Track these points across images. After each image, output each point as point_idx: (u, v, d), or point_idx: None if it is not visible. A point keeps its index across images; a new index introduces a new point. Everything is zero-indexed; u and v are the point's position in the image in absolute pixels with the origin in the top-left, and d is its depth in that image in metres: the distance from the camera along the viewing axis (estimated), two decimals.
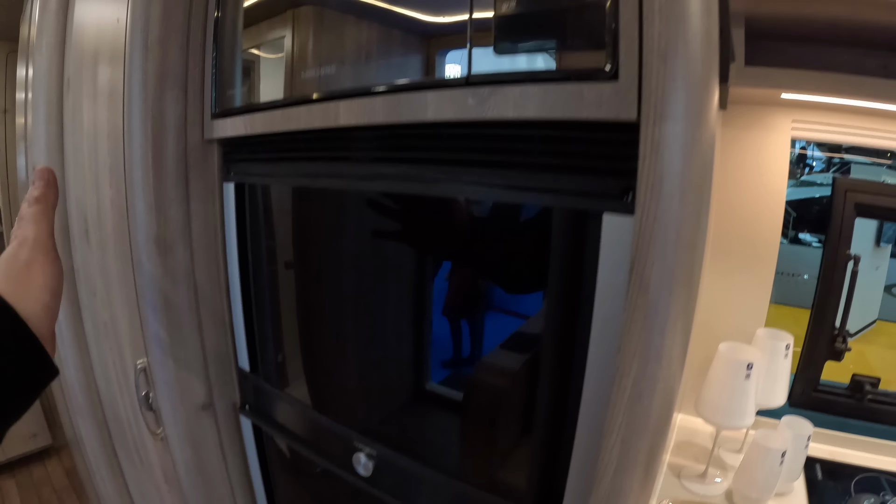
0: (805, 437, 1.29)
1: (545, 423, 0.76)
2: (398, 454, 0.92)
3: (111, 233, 1.24)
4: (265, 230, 1.09)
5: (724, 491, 1.32)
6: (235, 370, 1.22)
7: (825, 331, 1.55)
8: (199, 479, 1.24)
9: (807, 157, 4.58)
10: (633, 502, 0.68)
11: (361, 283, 0.96)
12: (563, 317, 0.70)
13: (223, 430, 1.24)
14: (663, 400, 0.64)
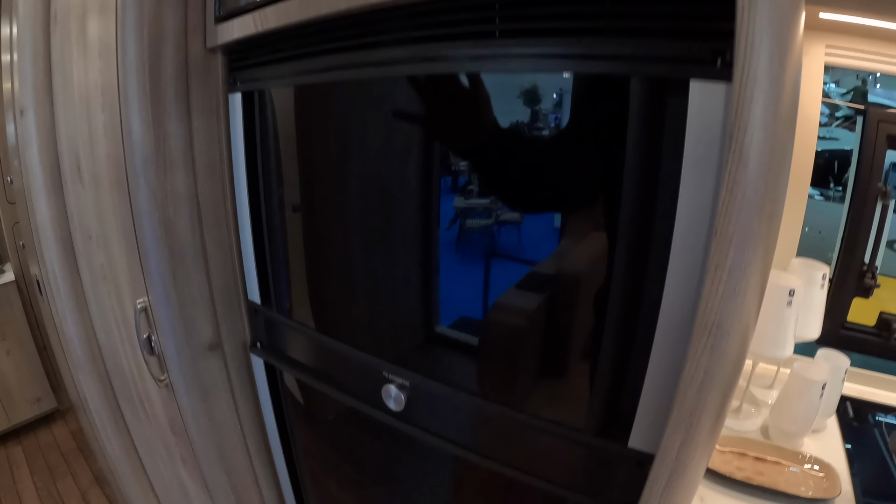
0: (842, 371, 1.21)
1: (616, 332, 0.66)
2: (435, 383, 0.82)
3: (105, 163, 1.11)
4: (276, 145, 0.97)
5: (758, 426, 1.23)
6: (245, 305, 1.11)
7: (854, 266, 1.46)
8: (208, 427, 1.13)
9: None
10: (713, 420, 0.59)
11: (389, 196, 0.84)
12: (643, 208, 0.60)
13: (233, 371, 1.13)
14: (755, 297, 0.54)
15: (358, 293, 0.96)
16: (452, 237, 0.77)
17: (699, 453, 0.62)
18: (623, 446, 0.66)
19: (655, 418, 0.62)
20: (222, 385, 1.12)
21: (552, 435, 0.73)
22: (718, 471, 1.07)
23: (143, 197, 0.98)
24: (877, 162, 1.37)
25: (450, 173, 0.76)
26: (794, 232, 1.34)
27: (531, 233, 0.72)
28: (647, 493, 0.64)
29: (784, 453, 1.14)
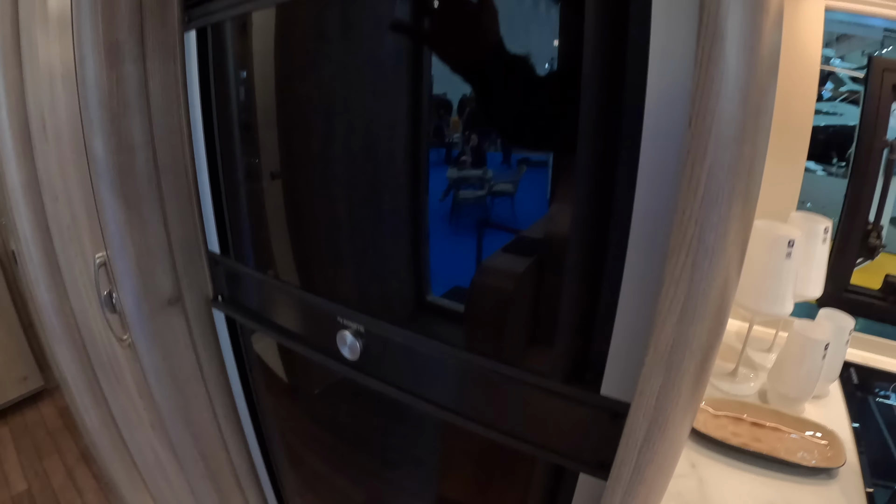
0: (846, 331, 1.12)
1: (581, 255, 0.58)
2: (393, 327, 0.75)
3: (64, 115, 1.05)
4: (234, 86, 0.90)
5: (756, 390, 1.16)
6: (206, 256, 1.04)
7: (858, 225, 1.37)
8: (171, 387, 1.07)
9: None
10: (698, 362, 0.51)
11: (349, 136, 0.77)
12: (606, 93, 0.52)
13: (195, 327, 1.06)
14: (740, 210, 0.46)
15: (311, 240, 0.89)
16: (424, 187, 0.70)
17: (683, 403, 0.54)
18: (595, 394, 0.59)
19: (630, 360, 0.54)
20: (184, 342, 1.06)
21: (516, 382, 0.66)
22: (712, 436, 0.99)
23: (97, 144, 0.92)
24: (882, 113, 1.28)
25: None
26: (793, 184, 1.26)
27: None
28: (622, 449, 0.57)
29: (784, 419, 1.06)
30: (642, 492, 0.60)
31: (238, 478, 1.27)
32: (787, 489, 0.94)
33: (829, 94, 3.63)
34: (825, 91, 3.61)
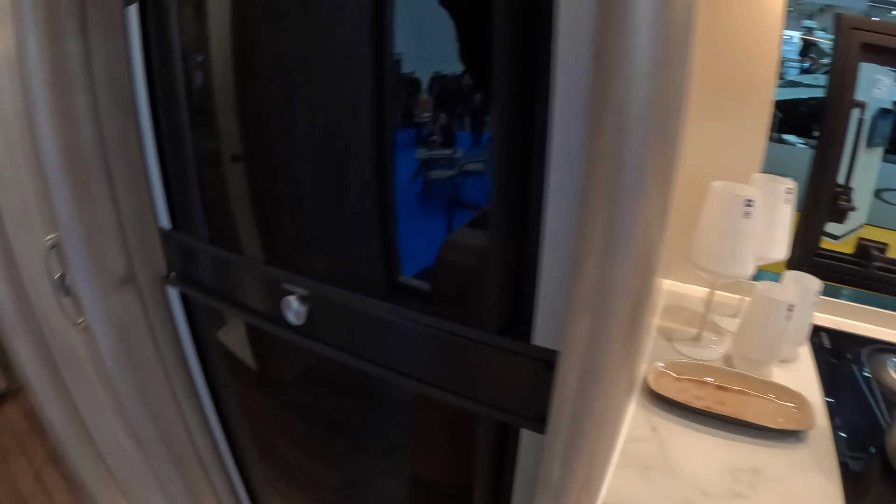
0: (812, 293, 1.14)
1: (504, 216, 0.59)
2: (337, 290, 0.77)
3: (10, 99, 1.06)
4: (179, 58, 0.91)
5: (721, 355, 1.17)
6: (157, 233, 1.05)
7: (826, 187, 1.39)
8: (129, 368, 1.08)
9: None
10: (629, 304, 0.52)
11: (302, 111, 0.77)
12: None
13: (150, 306, 1.07)
14: (666, 147, 0.48)
15: (262, 207, 0.90)
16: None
17: (616, 350, 0.55)
18: (526, 344, 0.60)
19: (559, 308, 0.56)
20: (140, 321, 1.07)
21: (453, 337, 0.67)
22: (674, 398, 1.01)
23: (42, 122, 0.93)
24: (849, 73, 1.30)
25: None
26: (755, 147, 1.27)
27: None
28: (557, 399, 0.58)
29: (750, 382, 1.08)
30: (585, 446, 0.62)
31: (202, 461, 1.28)
32: (753, 453, 0.95)
33: (809, 64, 3.64)
34: (806, 63, 3.63)
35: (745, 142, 1.27)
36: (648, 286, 0.57)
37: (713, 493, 0.85)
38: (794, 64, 6.19)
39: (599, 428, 0.61)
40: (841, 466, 0.94)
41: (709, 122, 1.27)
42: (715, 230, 1.04)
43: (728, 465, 0.91)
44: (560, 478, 0.64)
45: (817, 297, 1.14)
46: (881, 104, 4.19)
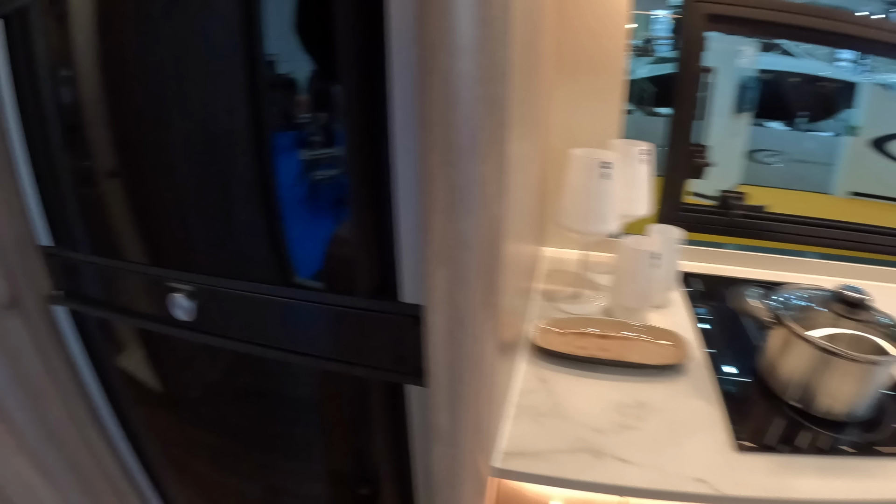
0: (675, 241, 1.26)
1: (365, 196, 0.66)
2: (223, 280, 0.81)
3: None
4: (49, 70, 0.90)
5: (600, 308, 1.29)
6: (39, 252, 1.04)
7: (683, 147, 1.52)
8: (25, 399, 1.07)
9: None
10: (482, 252, 0.59)
11: (177, 118, 0.78)
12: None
13: (39, 329, 1.06)
14: (495, 112, 0.55)
15: (143, 213, 0.91)
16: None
17: (476, 296, 0.63)
18: (397, 303, 0.67)
19: (420, 264, 0.62)
20: (31, 347, 1.06)
21: (334, 307, 0.74)
22: (558, 351, 1.10)
23: None
24: (696, 41, 1.43)
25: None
26: (611, 116, 1.39)
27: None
28: (431, 349, 0.65)
29: (628, 328, 1.19)
30: (465, 392, 0.69)
31: (116, 486, 1.28)
32: (637, 389, 1.07)
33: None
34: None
35: (602, 112, 1.39)
36: (498, 235, 0.64)
37: (603, 428, 0.96)
38: (666, 41, 6.52)
39: (476, 372, 0.69)
40: (719, 390, 1.07)
41: (567, 97, 1.38)
42: (578, 192, 1.14)
43: (615, 403, 1.02)
44: (449, 425, 0.71)
45: (681, 245, 1.26)
46: (745, 73, 4.49)
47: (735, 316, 1.33)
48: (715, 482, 0.87)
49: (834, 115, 6.32)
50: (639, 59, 6.71)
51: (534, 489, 0.95)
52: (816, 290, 1.10)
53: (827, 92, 6.39)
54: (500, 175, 0.62)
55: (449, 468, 0.77)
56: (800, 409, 1.04)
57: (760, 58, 5.39)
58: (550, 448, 0.90)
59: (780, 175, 4.97)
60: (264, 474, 1.13)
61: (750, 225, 1.61)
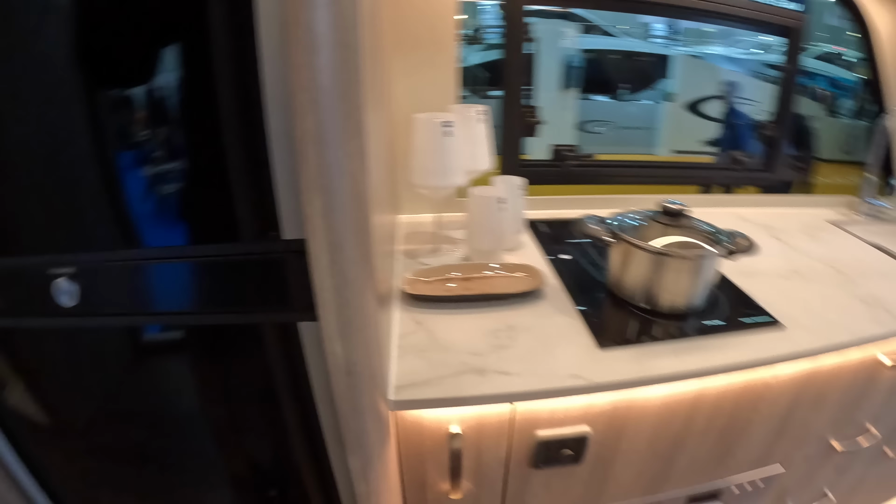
0: (517, 187, 1.43)
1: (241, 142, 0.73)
2: (103, 254, 0.83)
3: None
4: None
5: (459, 257, 1.43)
6: None
7: (516, 109, 1.70)
8: None
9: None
10: (353, 179, 0.68)
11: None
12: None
13: None
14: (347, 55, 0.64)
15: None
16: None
17: (351, 222, 0.72)
18: (279, 241, 0.75)
19: (297, 201, 0.71)
20: None
21: (222, 258, 0.80)
22: (429, 294, 1.22)
23: None
24: (517, 20, 1.62)
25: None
26: (448, 83, 1.55)
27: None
28: (317, 277, 0.74)
29: (487, 267, 1.34)
30: (353, 317, 0.78)
31: None
32: (505, 316, 1.21)
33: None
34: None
35: (440, 80, 1.55)
36: (363, 164, 0.74)
37: (481, 351, 1.08)
38: (494, 29, 6.76)
39: (361, 297, 0.78)
40: (576, 307, 1.25)
41: (406, 70, 1.52)
42: (425, 152, 1.27)
43: (487, 330, 1.15)
44: (343, 352, 0.80)
45: (523, 191, 1.42)
46: (569, 52, 4.82)
47: (581, 247, 1.55)
48: (587, 375, 1.03)
49: (652, 85, 7.01)
50: (470, 46, 7.00)
51: (431, 419, 1.04)
52: (644, 210, 1.29)
53: (644, 65, 7.06)
54: (358, 113, 0.71)
55: (349, 398, 0.85)
56: (648, 309, 1.25)
57: (582, 38, 5.85)
58: (438, 375, 1.01)
59: (609, 141, 5.47)
60: (168, 493, 1.16)
61: (582, 173, 1.82)
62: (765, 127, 2.14)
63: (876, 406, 1.54)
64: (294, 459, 1.07)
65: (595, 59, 6.44)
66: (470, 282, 1.29)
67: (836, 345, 1.24)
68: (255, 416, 1.06)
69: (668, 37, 8.52)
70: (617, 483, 1.28)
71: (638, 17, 10.39)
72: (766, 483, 1.51)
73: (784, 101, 2.07)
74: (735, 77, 5.68)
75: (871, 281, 1.59)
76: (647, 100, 6.65)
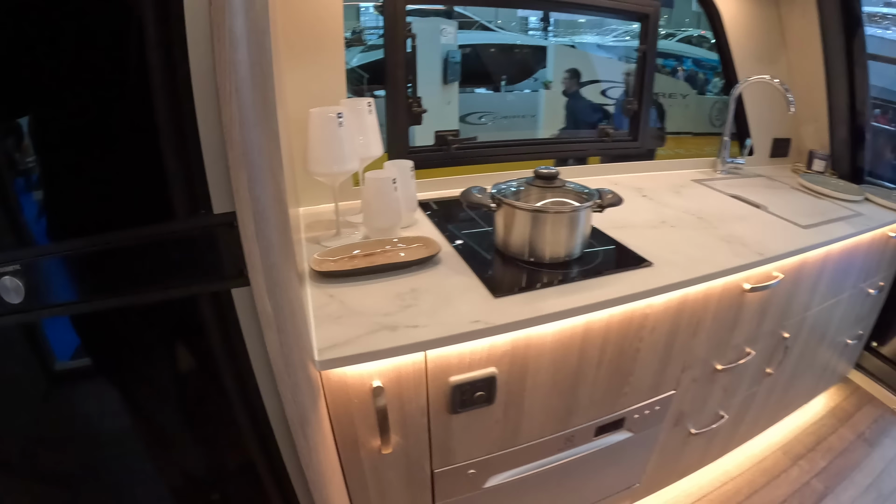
0: (408, 168, 1.62)
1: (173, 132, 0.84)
2: (45, 246, 0.88)
3: None
4: None
5: (360, 238, 1.57)
6: None
7: (401, 100, 1.86)
8: None
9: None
10: (269, 154, 0.81)
11: None
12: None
13: None
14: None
15: None
16: None
17: (270, 193, 0.84)
18: (210, 215, 0.87)
19: (225, 177, 0.83)
20: None
21: (158, 236, 0.90)
22: (336, 270, 1.35)
23: None
24: (399, 15, 1.80)
25: None
26: (338, 81, 1.71)
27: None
28: (245, 244, 0.85)
29: (387, 242, 1.49)
30: (282, 280, 0.90)
31: None
32: (408, 281, 1.36)
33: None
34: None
35: (329, 79, 1.71)
36: (276, 145, 0.86)
37: (391, 312, 1.22)
38: (374, 30, 6.90)
39: (283, 260, 0.90)
40: (471, 268, 1.43)
41: (298, 71, 1.67)
42: (320, 141, 1.40)
43: (394, 294, 1.30)
44: (273, 311, 0.91)
45: (412, 172, 1.61)
46: (449, 49, 5.07)
47: (470, 219, 1.76)
48: (487, 319, 1.20)
49: (531, 75, 7.43)
50: (351, 49, 7.18)
51: (354, 375, 1.16)
52: (521, 179, 1.49)
53: (522, 57, 7.46)
54: (270, 100, 0.83)
55: (282, 355, 0.96)
56: (534, 262, 1.44)
57: (461, 34, 6.13)
58: (356, 335, 1.13)
59: (493, 132, 5.78)
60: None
61: (464, 155, 2.01)
62: (629, 102, 2.39)
63: (748, 329, 1.82)
64: (242, 444, 1.17)
65: (475, 53, 6.77)
66: (373, 256, 1.43)
67: (701, 276, 1.47)
68: (199, 410, 1.13)
69: (544, 29, 8.95)
70: (530, 420, 1.46)
71: (518, 12, 10.84)
72: (662, 405, 1.74)
73: (643, 79, 2.33)
74: (605, 62, 6.17)
75: (730, 224, 1.86)
76: (527, 89, 7.06)
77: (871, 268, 2.33)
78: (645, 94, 2.35)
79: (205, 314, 1.01)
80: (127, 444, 1.09)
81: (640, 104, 2.37)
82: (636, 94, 2.37)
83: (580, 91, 5.48)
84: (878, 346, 2.90)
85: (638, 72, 2.33)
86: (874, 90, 2.56)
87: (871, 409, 2.82)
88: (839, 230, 1.93)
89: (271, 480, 1.21)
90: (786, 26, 2.62)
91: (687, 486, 2.31)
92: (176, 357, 1.06)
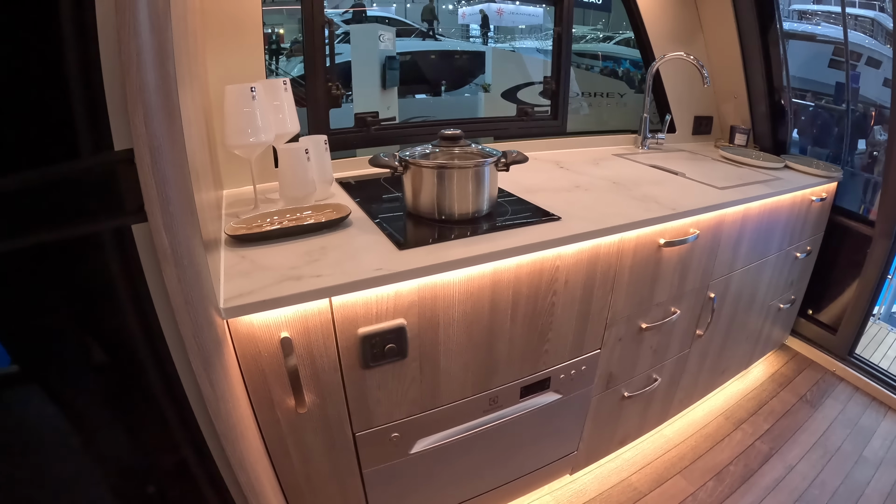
0: (321, 142, 1.76)
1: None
2: None
3: None
4: None
5: (276, 208, 1.68)
6: None
7: (320, 83, 2.02)
8: None
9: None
10: (165, 107, 0.92)
11: None
12: None
13: None
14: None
15: None
16: None
17: (165, 129, 0.94)
18: (111, 152, 0.97)
19: (124, 114, 0.91)
20: None
21: (55, 181, 0.95)
22: (250, 233, 1.46)
23: None
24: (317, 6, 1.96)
25: None
26: (256, 60, 1.86)
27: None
28: (143, 179, 0.95)
29: (301, 209, 1.63)
30: (178, 214, 0.98)
31: None
32: (319, 241, 1.48)
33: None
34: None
35: (248, 59, 1.86)
36: (173, 87, 0.96)
37: (298, 266, 1.34)
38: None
39: (179, 194, 0.98)
40: (380, 228, 1.56)
41: (221, 52, 1.81)
42: (236, 115, 1.53)
43: (303, 252, 1.41)
44: (170, 243, 0.99)
45: (327, 146, 1.77)
46: (388, 53, 5.25)
47: (386, 191, 1.91)
48: (388, 268, 1.32)
49: (471, 80, 7.73)
50: (291, 60, 7.35)
51: (262, 325, 1.25)
52: (427, 143, 1.65)
53: (462, 63, 7.75)
54: (165, 48, 0.94)
55: (181, 291, 1.02)
56: (444, 219, 1.59)
57: (400, 42, 6.32)
58: (261, 286, 1.23)
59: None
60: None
61: (384, 135, 2.17)
62: (548, 83, 2.57)
63: (670, 287, 1.98)
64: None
65: (413, 60, 7.02)
66: (287, 222, 1.56)
67: (610, 228, 1.62)
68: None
69: (484, 35, 9.28)
70: (448, 378, 1.57)
71: (458, 20, 11.09)
72: (589, 365, 1.87)
73: (560, 59, 2.52)
74: (544, 64, 6.49)
75: (645, 187, 2.04)
76: (467, 93, 7.35)
77: (796, 231, 2.53)
78: (563, 74, 2.53)
79: (108, 253, 1.06)
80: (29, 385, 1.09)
81: (559, 84, 2.55)
82: (554, 75, 2.55)
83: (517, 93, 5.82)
84: (814, 313, 3.12)
85: (555, 52, 2.51)
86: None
87: (811, 373, 3.03)
88: (756, 191, 2.12)
89: (180, 428, 1.24)
90: (701, 6, 2.86)
91: (630, 455, 2.45)
92: (78, 299, 1.08)
